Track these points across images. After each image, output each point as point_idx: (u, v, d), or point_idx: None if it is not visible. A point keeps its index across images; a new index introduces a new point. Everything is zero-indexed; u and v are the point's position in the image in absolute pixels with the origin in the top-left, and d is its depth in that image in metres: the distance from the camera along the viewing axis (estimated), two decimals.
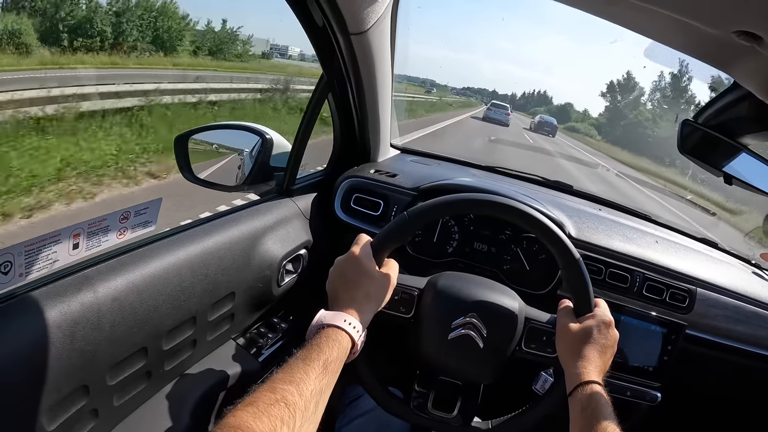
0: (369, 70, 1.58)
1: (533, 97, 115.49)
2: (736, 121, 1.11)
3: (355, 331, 0.99)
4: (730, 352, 1.67)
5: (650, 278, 1.66)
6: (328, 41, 1.44)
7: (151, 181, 7.20)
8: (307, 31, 1.40)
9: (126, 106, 10.28)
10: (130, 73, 15.14)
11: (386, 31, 1.53)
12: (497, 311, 1.21)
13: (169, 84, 12.82)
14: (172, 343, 1.14)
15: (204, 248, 1.22)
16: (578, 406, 1.00)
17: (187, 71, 18.18)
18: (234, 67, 23.35)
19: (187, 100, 12.56)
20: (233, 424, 0.70)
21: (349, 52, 1.47)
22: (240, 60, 28.66)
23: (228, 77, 17.91)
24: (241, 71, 22.26)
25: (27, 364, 0.83)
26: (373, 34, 1.42)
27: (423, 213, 1.17)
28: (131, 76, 13.73)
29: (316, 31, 1.41)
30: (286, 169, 1.63)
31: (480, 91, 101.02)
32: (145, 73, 15.63)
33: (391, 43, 1.64)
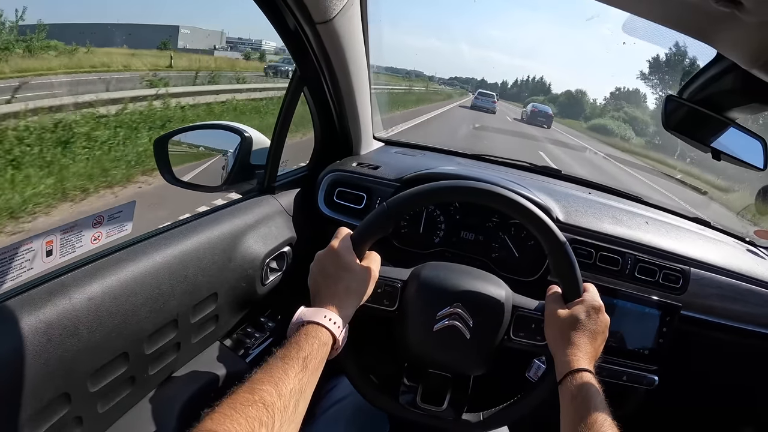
0: (341, 60, 1.54)
1: (527, 85, 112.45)
2: (721, 95, 1.09)
3: (335, 326, 0.97)
4: (727, 331, 1.66)
5: (642, 260, 1.64)
6: (296, 32, 1.41)
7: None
8: (273, 23, 1.37)
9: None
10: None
11: (355, 19, 1.50)
12: (483, 300, 1.18)
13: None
14: (154, 347, 1.12)
15: (182, 250, 1.20)
16: (568, 395, 0.98)
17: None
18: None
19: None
20: (210, 428, 0.69)
21: (317, 43, 1.43)
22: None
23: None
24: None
25: (4, 373, 0.82)
26: (339, 22, 1.39)
27: (402, 203, 1.15)
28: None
29: (282, 23, 1.38)
30: (266, 167, 1.61)
31: (468, 81, 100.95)
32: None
33: (363, 33, 1.61)
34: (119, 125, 8.89)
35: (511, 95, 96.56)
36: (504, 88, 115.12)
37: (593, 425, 0.88)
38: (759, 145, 1.26)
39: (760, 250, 2.01)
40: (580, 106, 73.30)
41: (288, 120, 1.58)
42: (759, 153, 1.27)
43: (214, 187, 1.63)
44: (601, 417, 0.90)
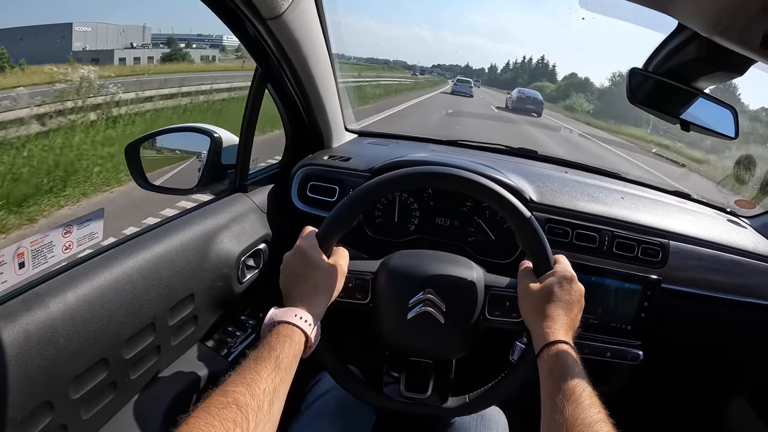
0: (299, 55, 1.53)
1: (525, 69, 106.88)
2: (686, 65, 1.08)
3: (306, 325, 0.98)
4: (710, 302, 1.67)
5: (619, 235, 1.64)
6: (248, 30, 1.40)
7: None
8: (225, 22, 1.35)
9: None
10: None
11: (308, 11, 1.48)
12: (453, 283, 1.18)
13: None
14: (133, 351, 1.12)
15: (154, 253, 1.20)
16: (546, 368, 0.98)
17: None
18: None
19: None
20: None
21: (272, 39, 1.42)
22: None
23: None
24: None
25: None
26: (291, 16, 1.36)
27: (362, 195, 1.14)
28: None
29: (234, 21, 1.37)
30: (236, 166, 1.61)
31: (451, 68, 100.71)
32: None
33: (321, 25, 1.60)
34: None
35: (503, 82, 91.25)
36: (494, 72, 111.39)
37: (571, 395, 0.88)
38: (729, 114, 1.26)
39: (742, 219, 2.02)
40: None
41: (254, 117, 1.57)
42: (730, 122, 1.27)
43: (188, 189, 1.62)
44: (579, 387, 0.89)
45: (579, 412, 0.85)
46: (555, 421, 0.87)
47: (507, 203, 1.12)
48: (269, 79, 1.60)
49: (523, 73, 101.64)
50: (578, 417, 0.84)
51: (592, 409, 0.85)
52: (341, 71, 1.91)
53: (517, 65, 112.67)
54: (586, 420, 0.83)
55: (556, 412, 0.88)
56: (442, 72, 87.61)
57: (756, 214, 2.06)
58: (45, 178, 6.46)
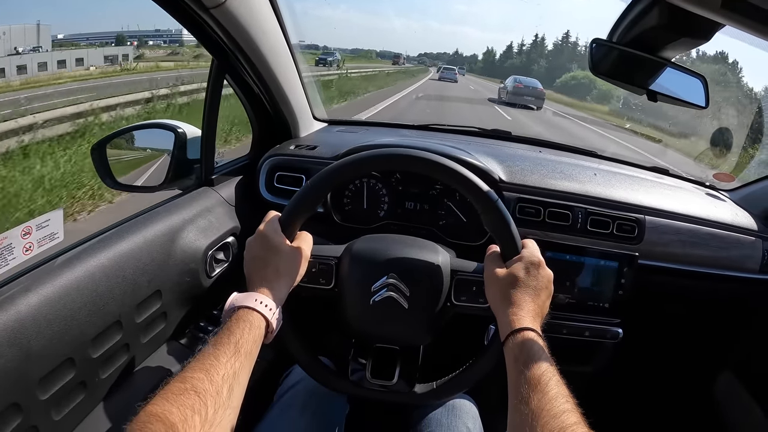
0: (250, 43, 1.49)
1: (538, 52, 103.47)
2: (650, 33, 1.06)
3: (267, 309, 0.98)
4: (689, 276, 1.67)
5: (593, 212, 1.62)
6: (194, 20, 1.37)
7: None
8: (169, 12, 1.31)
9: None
10: None
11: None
12: (417, 267, 1.17)
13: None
14: (100, 350, 1.11)
15: (117, 251, 1.18)
16: (512, 356, 0.96)
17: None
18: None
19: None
20: (143, 419, 0.71)
21: (219, 28, 1.39)
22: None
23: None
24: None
25: None
26: (234, 4, 1.33)
27: (323, 178, 1.13)
28: None
29: (178, 10, 1.33)
30: (201, 160, 1.60)
31: (439, 56, 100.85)
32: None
33: (274, 11, 1.57)
34: None
35: (498, 71, 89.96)
36: (491, 58, 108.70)
37: (537, 385, 0.86)
38: (699, 83, 1.25)
39: (721, 193, 2.02)
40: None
41: (214, 109, 1.55)
42: (700, 91, 1.26)
43: (155, 186, 1.61)
44: (546, 375, 0.88)
45: (545, 402, 0.83)
46: (520, 411, 0.85)
47: (472, 185, 1.11)
48: (226, 69, 1.58)
49: (538, 57, 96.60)
50: (544, 408, 0.82)
51: (558, 399, 0.84)
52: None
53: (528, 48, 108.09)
54: (552, 411, 0.81)
55: (521, 402, 0.86)
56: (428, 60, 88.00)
57: (735, 187, 2.07)
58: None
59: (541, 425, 0.80)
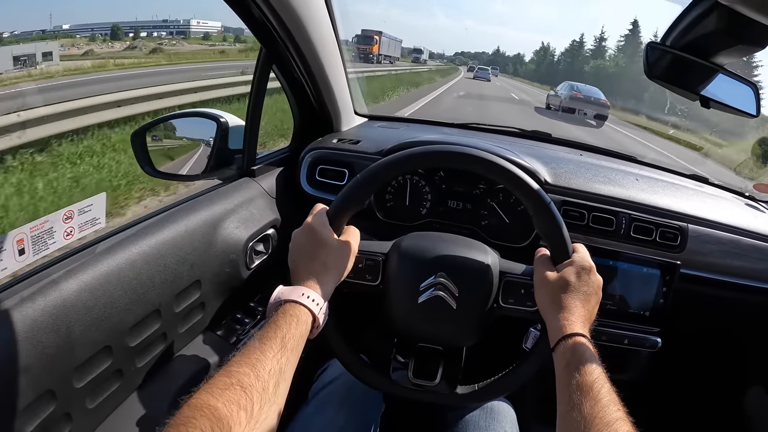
0: (303, 35, 1.50)
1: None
2: (706, 38, 1.04)
3: (314, 304, 0.96)
4: (729, 288, 1.64)
5: (637, 219, 1.60)
6: (252, 9, 1.38)
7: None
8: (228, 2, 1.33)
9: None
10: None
11: None
12: (467, 267, 1.15)
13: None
14: (138, 338, 1.11)
15: (159, 239, 1.18)
16: (562, 361, 0.94)
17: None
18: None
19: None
20: (188, 414, 0.69)
21: (276, 18, 1.39)
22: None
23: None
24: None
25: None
26: None
27: (374, 173, 1.11)
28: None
29: (237, 1, 1.34)
30: (243, 150, 1.60)
31: (477, 56, 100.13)
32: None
33: (327, 6, 1.58)
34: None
35: (542, 77, 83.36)
36: (545, 59, 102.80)
37: (589, 392, 0.85)
38: (750, 92, 1.23)
39: (760, 204, 1.99)
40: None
41: (260, 100, 1.56)
42: (751, 99, 1.23)
43: (195, 175, 1.61)
44: (598, 382, 0.86)
45: (598, 409, 0.82)
46: (572, 418, 0.83)
47: (526, 186, 1.09)
48: (274, 60, 1.58)
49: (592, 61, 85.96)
50: (597, 415, 0.81)
51: (611, 407, 0.82)
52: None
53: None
54: (605, 419, 0.80)
55: (573, 409, 0.84)
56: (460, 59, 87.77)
57: None
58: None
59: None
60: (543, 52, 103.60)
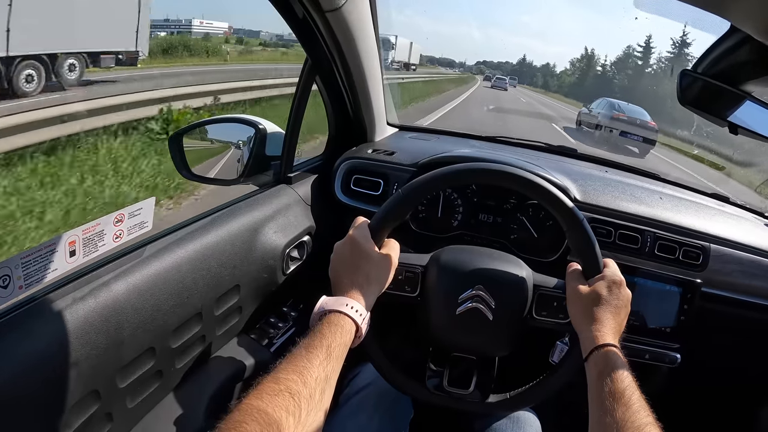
0: (351, 47, 1.53)
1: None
2: (736, 68, 1.07)
3: (357, 314, 0.98)
4: (749, 308, 1.65)
5: (661, 237, 1.62)
6: (305, 21, 1.41)
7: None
8: (281, 12, 1.36)
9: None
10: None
11: (363, 5, 1.48)
12: (504, 280, 1.18)
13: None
14: (180, 340, 1.14)
15: (203, 244, 1.21)
16: (595, 370, 0.98)
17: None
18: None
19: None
20: (238, 419, 0.71)
21: (327, 31, 1.43)
22: None
23: None
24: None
25: (36, 374, 0.84)
26: (348, 9, 1.37)
27: (417, 188, 1.14)
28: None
29: (290, 11, 1.38)
30: (282, 157, 1.62)
31: (500, 66, 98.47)
32: None
33: (372, 19, 1.60)
34: None
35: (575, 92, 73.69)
36: (588, 71, 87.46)
37: (621, 398, 0.89)
38: None
39: None
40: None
41: (302, 109, 1.58)
42: None
43: (231, 180, 1.63)
44: (629, 389, 0.90)
45: (629, 414, 0.86)
46: (605, 423, 0.87)
47: (561, 204, 1.13)
48: (319, 71, 1.61)
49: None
50: (628, 419, 0.85)
51: (642, 412, 0.86)
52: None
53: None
54: (636, 423, 0.84)
55: (606, 414, 0.88)
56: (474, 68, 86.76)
57: None
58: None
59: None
60: (586, 61, 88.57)
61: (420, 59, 57.01)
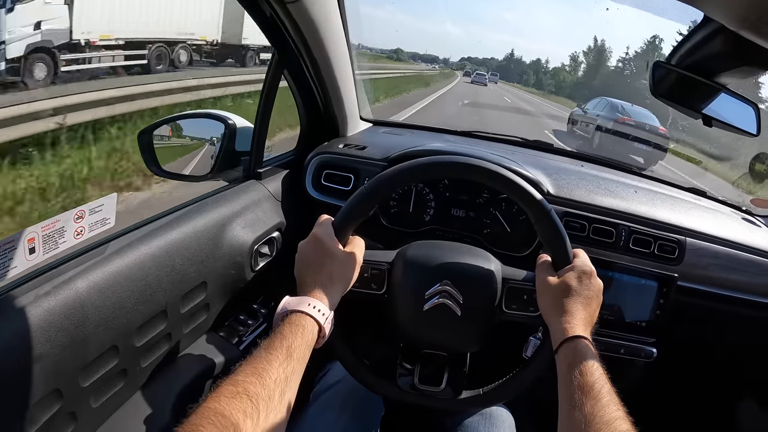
0: (317, 40, 1.52)
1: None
2: (710, 59, 1.06)
3: (320, 314, 0.97)
4: (725, 301, 1.65)
5: (636, 231, 1.62)
6: (268, 13, 1.39)
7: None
8: (243, 4, 1.34)
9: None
10: None
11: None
12: (471, 275, 1.17)
13: None
14: (144, 339, 1.12)
15: (167, 240, 1.19)
16: (564, 363, 0.96)
17: None
18: None
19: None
20: (195, 422, 0.70)
21: (291, 23, 1.41)
22: None
23: None
24: None
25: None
26: (310, 1, 1.36)
27: (380, 183, 1.13)
28: None
29: (254, 4, 1.36)
30: (251, 153, 1.60)
31: (485, 62, 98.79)
32: None
33: (340, 11, 1.59)
34: None
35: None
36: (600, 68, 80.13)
37: (590, 392, 0.87)
38: (751, 111, 1.24)
39: (757, 219, 2.00)
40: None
41: (270, 104, 1.56)
42: (752, 119, 1.25)
43: (201, 176, 1.61)
44: (599, 383, 0.88)
45: (598, 409, 0.84)
46: (573, 417, 0.85)
47: (528, 195, 1.11)
48: (286, 65, 1.59)
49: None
50: (597, 414, 0.83)
51: (611, 406, 0.84)
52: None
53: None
54: (605, 417, 0.82)
55: (574, 408, 0.86)
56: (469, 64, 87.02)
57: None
58: None
59: (594, 431, 0.81)
60: (597, 54, 79.33)
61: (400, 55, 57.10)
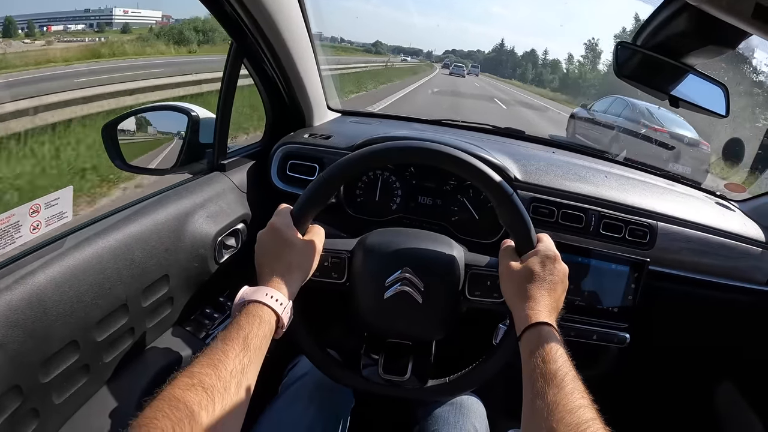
0: (273, 29, 1.49)
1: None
2: (675, 39, 1.05)
3: (278, 304, 0.95)
4: (698, 285, 1.66)
5: (606, 216, 1.61)
6: (221, 2, 1.36)
7: None
8: None
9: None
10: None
11: None
12: (432, 261, 1.16)
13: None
14: (105, 333, 1.10)
15: (126, 233, 1.17)
16: (527, 350, 0.94)
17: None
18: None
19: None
20: (149, 415, 0.69)
21: (244, 11, 1.38)
22: None
23: None
24: None
25: None
26: None
27: (337, 171, 1.11)
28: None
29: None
30: (213, 144, 1.59)
31: (470, 55, 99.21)
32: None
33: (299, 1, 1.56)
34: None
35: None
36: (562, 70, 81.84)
37: (553, 379, 0.85)
38: (720, 92, 1.24)
39: (731, 203, 2.01)
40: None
41: (230, 93, 1.54)
42: (721, 100, 1.25)
43: (166, 169, 1.59)
44: (562, 370, 0.86)
45: (561, 397, 0.81)
46: (536, 406, 0.83)
47: (488, 179, 1.09)
48: (245, 54, 1.57)
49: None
50: (560, 402, 0.81)
51: (575, 394, 0.82)
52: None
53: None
54: (568, 406, 0.80)
55: (537, 397, 0.84)
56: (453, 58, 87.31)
57: (745, 198, 2.05)
58: None
59: (557, 420, 0.78)
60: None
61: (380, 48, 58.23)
